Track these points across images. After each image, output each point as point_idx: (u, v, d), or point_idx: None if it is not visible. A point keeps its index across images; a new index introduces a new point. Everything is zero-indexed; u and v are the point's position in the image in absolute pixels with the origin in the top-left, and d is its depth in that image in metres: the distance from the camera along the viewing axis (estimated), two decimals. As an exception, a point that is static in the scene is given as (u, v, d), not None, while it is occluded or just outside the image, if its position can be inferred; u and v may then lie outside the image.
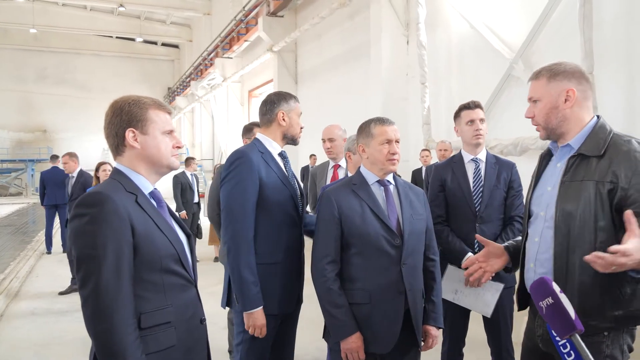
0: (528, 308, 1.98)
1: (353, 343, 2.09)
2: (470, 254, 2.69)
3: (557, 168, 1.83)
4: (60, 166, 8.19)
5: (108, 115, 1.63)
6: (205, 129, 24.43)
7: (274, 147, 2.46)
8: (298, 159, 12.69)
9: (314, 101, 12.85)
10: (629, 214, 1.53)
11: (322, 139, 3.68)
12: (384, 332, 2.13)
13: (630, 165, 1.63)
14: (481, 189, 2.82)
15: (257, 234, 2.31)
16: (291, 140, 2.51)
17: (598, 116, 1.80)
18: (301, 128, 2.51)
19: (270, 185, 2.32)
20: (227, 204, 2.30)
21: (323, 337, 2.30)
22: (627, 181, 1.61)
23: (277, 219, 2.34)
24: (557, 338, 1.43)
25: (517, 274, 2.06)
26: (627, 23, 5.40)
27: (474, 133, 2.85)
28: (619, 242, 1.59)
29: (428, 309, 2.28)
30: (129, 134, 1.59)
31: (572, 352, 1.39)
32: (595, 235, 1.66)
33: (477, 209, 2.79)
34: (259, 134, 2.50)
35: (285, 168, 2.47)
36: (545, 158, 1.93)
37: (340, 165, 3.70)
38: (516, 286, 2.02)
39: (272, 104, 2.49)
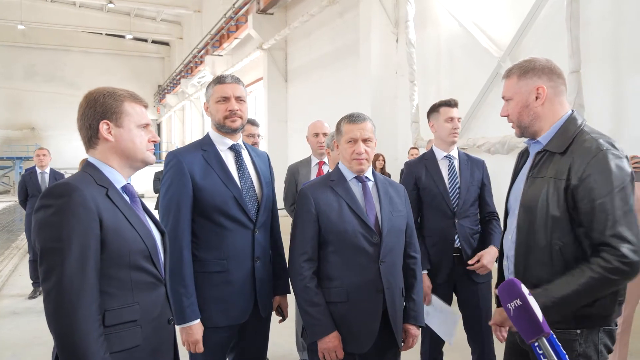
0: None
1: (330, 342, 2.04)
2: (425, 272, 2.74)
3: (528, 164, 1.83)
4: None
5: (82, 107, 1.58)
6: (196, 127, 24.32)
7: (224, 142, 2.24)
8: (287, 157, 12.63)
9: (304, 99, 12.82)
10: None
11: (315, 134, 3.65)
12: (362, 331, 2.08)
13: (583, 161, 1.59)
14: (457, 186, 2.83)
15: (199, 240, 2.15)
16: (221, 128, 2.22)
17: (573, 110, 1.78)
18: (230, 111, 2.18)
19: (206, 188, 2.12)
20: (161, 209, 2.16)
21: (301, 337, 2.26)
22: (577, 177, 1.59)
23: (217, 223, 2.13)
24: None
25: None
26: (614, 22, 5.42)
27: (452, 131, 2.84)
28: (575, 239, 1.60)
29: (408, 307, 2.24)
30: (103, 126, 1.55)
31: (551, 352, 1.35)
32: (550, 231, 1.64)
33: (454, 206, 2.79)
34: (210, 129, 2.31)
35: (238, 163, 2.25)
36: (524, 155, 1.93)
37: (325, 162, 3.66)
38: (493, 281, 2.02)
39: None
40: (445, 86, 8.09)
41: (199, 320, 2.08)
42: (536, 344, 1.26)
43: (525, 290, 1.27)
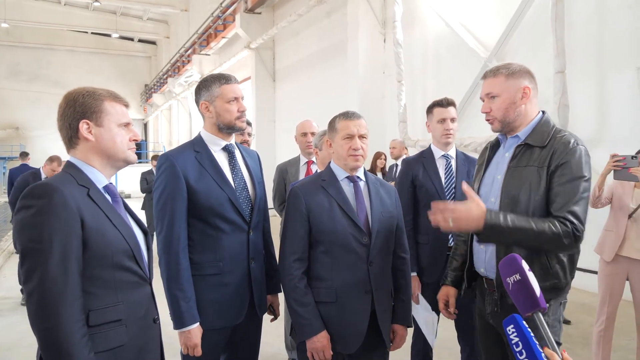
0: (476, 293, 2.14)
1: (318, 342, 2.04)
2: (415, 274, 2.79)
3: (505, 157, 2.00)
4: (31, 164, 8.01)
5: (61, 107, 1.58)
6: (183, 127, 24.18)
7: (217, 142, 2.20)
8: (275, 157, 12.61)
9: (292, 98, 12.81)
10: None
11: (303, 133, 3.64)
12: (350, 332, 2.08)
13: (563, 151, 1.83)
14: (453, 185, 2.83)
15: (193, 243, 2.11)
16: (229, 129, 2.19)
17: (543, 112, 1.99)
18: (242, 111, 2.18)
19: (201, 190, 2.08)
20: (156, 213, 2.11)
21: (290, 335, 2.26)
22: (555, 164, 1.83)
23: (212, 226, 2.10)
24: (517, 325, 1.45)
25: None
26: (598, 23, 5.49)
27: (444, 132, 2.83)
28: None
29: (397, 308, 2.24)
30: (83, 126, 1.54)
31: (517, 335, 1.40)
32: (531, 213, 1.83)
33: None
34: (201, 130, 2.25)
35: (232, 164, 2.22)
36: (493, 148, 2.10)
37: (313, 162, 3.66)
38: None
39: (197, 94, 2.22)
40: (432, 86, 8.15)
41: (197, 324, 2.05)
42: (511, 328, 1.34)
43: (525, 265, 1.32)
